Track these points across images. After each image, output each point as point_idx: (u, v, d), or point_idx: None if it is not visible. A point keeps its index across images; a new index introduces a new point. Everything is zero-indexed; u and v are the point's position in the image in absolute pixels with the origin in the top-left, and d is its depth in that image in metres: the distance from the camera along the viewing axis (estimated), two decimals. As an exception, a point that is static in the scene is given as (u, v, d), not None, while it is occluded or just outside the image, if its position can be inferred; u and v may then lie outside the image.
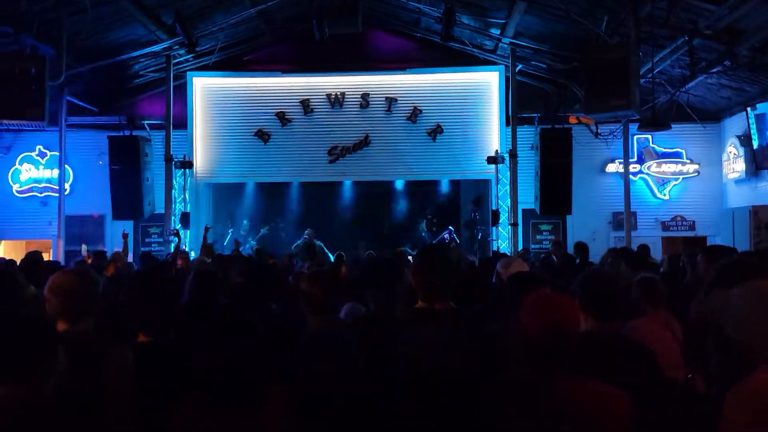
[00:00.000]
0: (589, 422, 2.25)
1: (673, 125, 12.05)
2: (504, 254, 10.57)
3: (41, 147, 15.28)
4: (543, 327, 2.40)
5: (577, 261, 8.70)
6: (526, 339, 2.44)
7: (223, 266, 5.83)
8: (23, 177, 15.34)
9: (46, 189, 15.23)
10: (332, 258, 10.70)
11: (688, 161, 14.81)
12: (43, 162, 15.32)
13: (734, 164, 13.91)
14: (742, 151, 13.46)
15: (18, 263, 7.16)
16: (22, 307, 3.43)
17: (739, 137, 13.47)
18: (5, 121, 10.89)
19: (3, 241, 15.44)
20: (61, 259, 12.23)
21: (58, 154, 13.62)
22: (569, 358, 2.37)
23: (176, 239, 9.81)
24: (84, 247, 11.08)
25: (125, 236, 9.55)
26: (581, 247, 8.90)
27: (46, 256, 10.43)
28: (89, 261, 8.70)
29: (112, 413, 2.52)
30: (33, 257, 7.42)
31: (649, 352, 2.81)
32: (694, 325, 4.00)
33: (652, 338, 3.28)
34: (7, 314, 2.54)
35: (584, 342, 2.59)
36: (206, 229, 9.84)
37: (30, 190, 15.33)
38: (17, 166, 15.34)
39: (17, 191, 15.31)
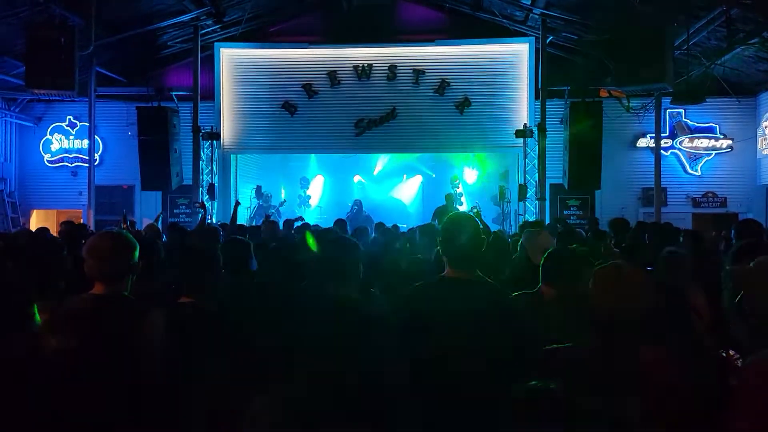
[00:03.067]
0: (659, 390, 2.25)
1: (707, 99, 11.79)
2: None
3: (71, 117, 15.49)
4: (615, 300, 2.37)
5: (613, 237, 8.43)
6: (597, 312, 2.42)
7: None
8: (54, 147, 15.59)
9: (76, 159, 15.47)
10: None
11: (722, 136, 14.49)
12: (74, 132, 15.54)
13: (770, 140, 13.58)
14: (778, 126, 13.12)
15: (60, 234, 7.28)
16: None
17: (775, 112, 13.13)
18: (35, 91, 11.03)
19: (34, 211, 15.72)
20: (92, 228, 12.41)
21: (87, 124, 13.79)
22: (641, 328, 2.35)
23: (202, 211, 9.92)
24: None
25: (159, 214, 9.92)
26: (618, 224, 8.45)
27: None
28: (125, 227, 8.78)
29: (146, 373, 2.57)
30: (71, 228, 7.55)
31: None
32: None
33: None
34: None
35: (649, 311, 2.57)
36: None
37: (61, 160, 15.58)
38: (48, 136, 15.59)
39: (48, 161, 15.57)
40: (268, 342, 2.46)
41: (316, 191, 17.51)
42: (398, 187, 17.90)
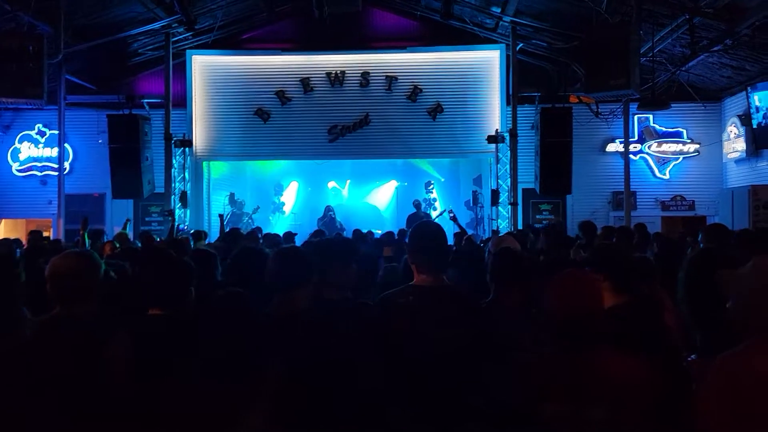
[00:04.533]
0: (621, 395, 2.30)
1: (673, 104, 12.02)
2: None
3: (40, 126, 15.25)
4: (570, 306, 2.42)
5: (583, 240, 8.50)
6: (553, 318, 2.46)
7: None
8: (23, 156, 15.32)
9: (45, 168, 15.22)
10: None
11: (689, 141, 14.78)
12: (43, 141, 15.29)
13: (734, 144, 13.89)
14: (742, 130, 13.44)
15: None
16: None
17: (739, 117, 13.44)
18: (3, 99, 10.88)
19: (3, 220, 15.45)
20: (61, 238, 12.25)
21: (57, 132, 13.62)
22: (598, 334, 2.40)
23: (170, 220, 9.85)
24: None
25: (127, 221, 9.77)
26: (587, 227, 8.48)
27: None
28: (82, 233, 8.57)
29: (109, 397, 2.54)
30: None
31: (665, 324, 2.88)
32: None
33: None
34: None
35: (610, 316, 2.61)
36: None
37: (30, 169, 15.32)
38: (16, 144, 15.31)
39: (17, 170, 15.30)
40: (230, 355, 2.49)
41: (290, 198, 17.46)
42: (373, 193, 17.94)
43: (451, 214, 9.94)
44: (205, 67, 14.71)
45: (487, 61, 14.45)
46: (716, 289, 2.33)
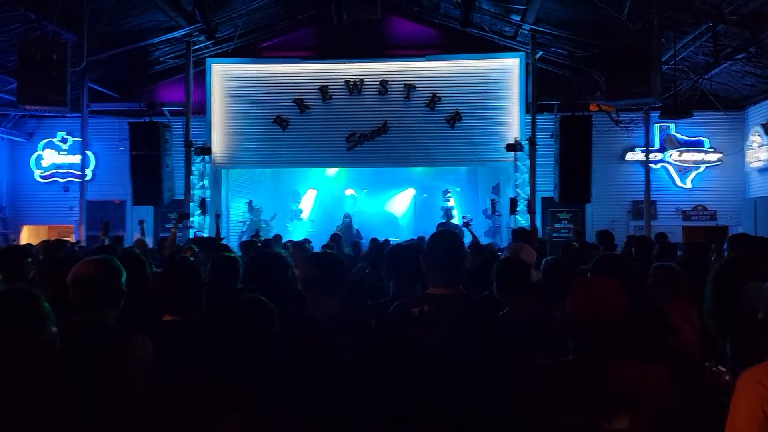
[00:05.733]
0: (643, 404, 2.25)
1: (695, 113, 11.88)
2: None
3: (63, 133, 15.46)
4: (589, 313, 2.38)
5: (601, 249, 8.42)
6: (573, 326, 2.42)
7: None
8: (45, 162, 15.54)
9: (68, 174, 15.42)
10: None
11: (711, 150, 14.59)
12: (65, 148, 15.50)
13: (758, 153, 13.68)
14: (766, 139, 13.25)
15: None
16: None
17: (763, 125, 13.26)
18: (27, 107, 11.04)
19: (25, 226, 15.65)
20: (83, 244, 12.37)
21: (80, 139, 13.80)
22: (618, 342, 2.36)
23: (172, 225, 9.77)
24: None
25: (141, 223, 9.74)
26: (604, 236, 8.43)
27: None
28: (102, 237, 8.63)
29: (128, 405, 2.54)
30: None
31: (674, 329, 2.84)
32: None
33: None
34: None
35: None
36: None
37: (52, 175, 15.53)
38: (40, 151, 15.54)
39: (40, 176, 15.53)
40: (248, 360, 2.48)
41: (307, 205, 17.54)
42: (391, 201, 17.96)
43: (465, 220, 9.86)
44: (224, 75, 14.82)
45: (506, 69, 14.40)
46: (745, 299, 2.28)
